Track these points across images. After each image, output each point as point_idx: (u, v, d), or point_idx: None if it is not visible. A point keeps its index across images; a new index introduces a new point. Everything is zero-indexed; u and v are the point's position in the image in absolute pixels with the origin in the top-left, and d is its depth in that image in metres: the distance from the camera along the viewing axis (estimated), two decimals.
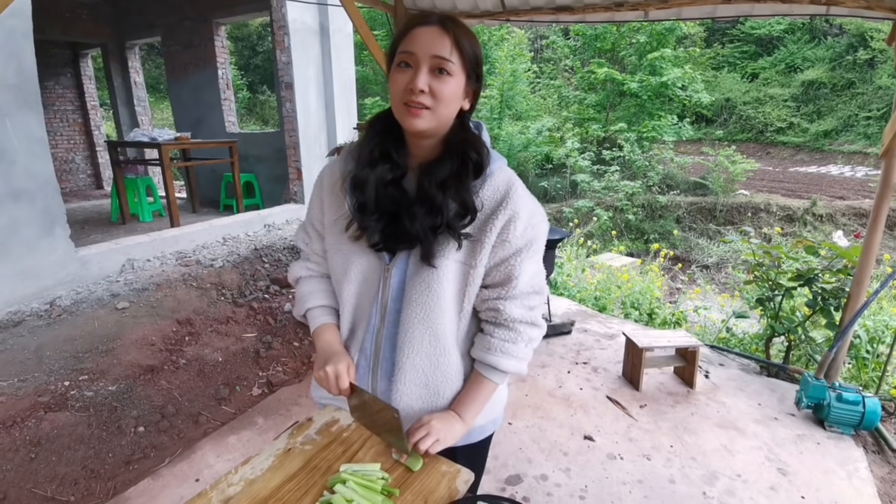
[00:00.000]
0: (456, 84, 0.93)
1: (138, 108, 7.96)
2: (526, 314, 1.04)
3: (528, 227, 1.00)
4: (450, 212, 0.96)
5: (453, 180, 0.96)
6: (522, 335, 1.05)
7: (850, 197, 12.48)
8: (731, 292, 5.65)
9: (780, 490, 2.25)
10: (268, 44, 20.93)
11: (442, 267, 0.98)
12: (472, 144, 0.98)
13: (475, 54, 0.95)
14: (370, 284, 1.06)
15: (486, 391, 1.08)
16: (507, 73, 14.44)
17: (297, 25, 5.40)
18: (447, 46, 0.90)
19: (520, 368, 1.07)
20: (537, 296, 1.07)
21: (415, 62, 0.91)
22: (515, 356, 1.05)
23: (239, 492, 0.92)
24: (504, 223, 0.98)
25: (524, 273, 1.02)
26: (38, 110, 3.41)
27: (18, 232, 3.32)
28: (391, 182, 1.00)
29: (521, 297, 1.04)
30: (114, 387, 2.81)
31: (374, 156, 1.00)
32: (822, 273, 3.11)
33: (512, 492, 2.21)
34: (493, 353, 1.05)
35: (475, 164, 0.98)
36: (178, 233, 4.52)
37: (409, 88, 0.91)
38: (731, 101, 20.90)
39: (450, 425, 1.03)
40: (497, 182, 1.01)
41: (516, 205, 0.99)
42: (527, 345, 1.07)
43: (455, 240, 0.97)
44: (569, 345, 3.66)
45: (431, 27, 0.91)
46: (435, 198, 0.95)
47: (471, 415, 1.07)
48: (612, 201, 11.94)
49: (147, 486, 2.26)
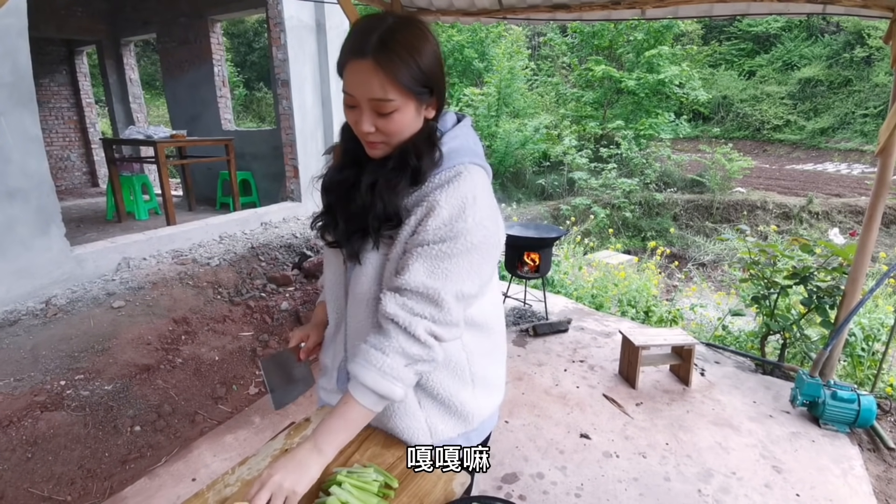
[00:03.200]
0: (402, 117, 0.88)
1: (134, 106, 7.92)
2: (402, 315, 0.88)
3: (448, 225, 0.88)
4: (375, 212, 0.93)
5: (384, 183, 0.93)
6: (393, 342, 0.88)
7: (846, 194, 12.52)
8: (727, 290, 5.67)
9: (775, 487, 2.26)
10: (264, 40, 20.83)
11: (365, 262, 0.98)
12: (416, 150, 0.92)
13: (419, 74, 0.86)
14: (338, 278, 1.09)
15: (350, 413, 0.90)
16: (505, 71, 14.40)
17: (293, 22, 5.38)
18: (380, 87, 0.84)
19: (385, 387, 0.87)
20: (429, 304, 0.89)
21: (356, 103, 0.87)
22: (379, 368, 0.87)
23: (235, 492, 0.92)
24: (422, 214, 0.91)
25: (420, 269, 0.89)
26: (32, 108, 3.40)
27: (13, 230, 3.31)
28: (353, 185, 0.99)
29: (406, 293, 0.89)
30: (110, 386, 2.80)
31: (344, 160, 1.01)
32: (818, 271, 3.13)
33: (508, 490, 2.22)
34: (357, 359, 0.91)
35: (413, 169, 0.92)
36: (175, 231, 4.51)
37: (358, 129, 0.90)
38: (728, 98, 20.93)
39: (298, 471, 0.85)
40: (441, 179, 0.93)
41: (439, 199, 0.89)
42: (401, 359, 0.88)
43: (373, 241, 0.95)
44: (565, 343, 3.67)
45: (363, 62, 0.83)
46: (363, 198, 0.94)
47: (331, 445, 0.89)
48: (610, 199, 11.95)
49: (143, 485, 2.26)
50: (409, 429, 1.05)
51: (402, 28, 0.85)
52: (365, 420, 0.92)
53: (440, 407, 1.08)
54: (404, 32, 0.85)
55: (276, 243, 4.71)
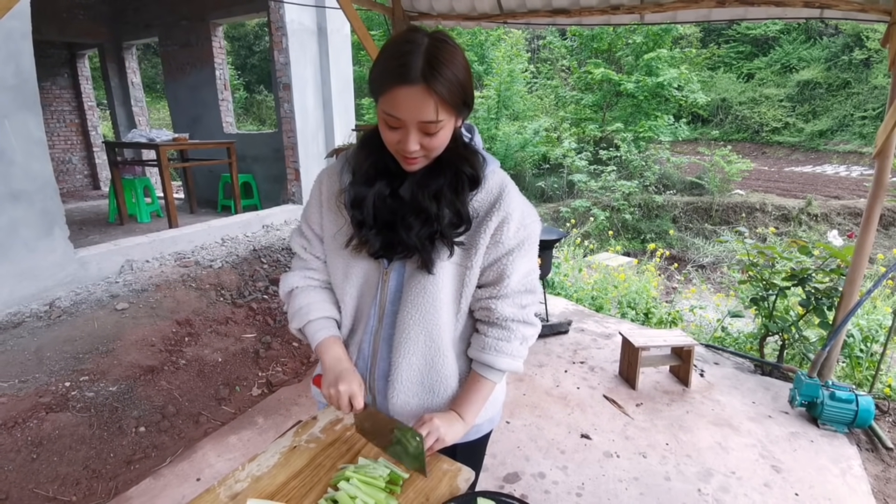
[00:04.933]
0: (446, 132, 0.92)
1: (135, 109, 7.95)
2: (518, 312, 1.06)
3: (520, 228, 1.02)
4: (444, 220, 0.97)
5: (448, 191, 0.98)
6: (515, 333, 1.07)
7: (845, 196, 12.57)
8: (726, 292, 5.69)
9: (774, 487, 2.28)
10: (265, 43, 20.89)
11: (440, 271, 1.01)
12: (466, 159, 0.99)
13: (461, 90, 0.88)
14: (369, 286, 1.09)
15: (484, 390, 1.09)
16: (505, 74, 14.45)
17: (294, 26, 5.40)
18: (433, 110, 0.86)
19: (515, 366, 1.08)
20: (530, 294, 1.08)
21: (402, 125, 0.88)
22: (510, 354, 1.07)
23: (246, 488, 0.95)
24: (497, 225, 1.00)
25: (516, 272, 1.04)
26: (36, 111, 3.42)
27: (17, 233, 3.33)
28: (389, 195, 1.01)
29: (513, 295, 1.05)
30: (114, 387, 2.82)
31: (370, 174, 1.01)
32: (816, 273, 3.15)
33: (510, 490, 2.24)
34: (488, 351, 1.07)
35: (470, 177, 1.00)
36: (177, 234, 4.53)
37: (401, 148, 0.91)
38: (726, 101, 21.00)
39: (451, 424, 1.04)
40: (490, 186, 1.02)
41: (508, 206, 1.01)
42: (521, 343, 1.08)
43: (448, 248, 1.00)
44: (566, 344, 3.69)
45: (414, 87, 0.84)
46: (429, 209, 0.97)
47: (471, 414, 1.08)
48: (609, 201, 11.98)
49: (148, 485, 2.27)
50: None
51: (441, 48, 0.86)
52: (491, 392, 1.12)
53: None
54: (444, 53, 0.86)
55: (277, 245, 4.73)
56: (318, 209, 1.12)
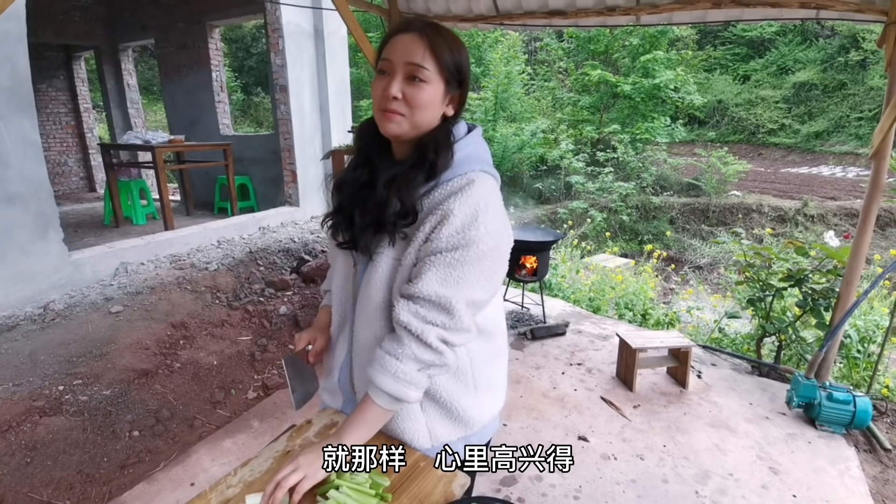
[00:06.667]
0: (431, 91, 0.93)
1: (131, 111, 7.93)
2: (415, 323, 0.92)
3: (460, 233, 0.91)
4: (390, 209, 0.95)
5: (401, 179, 0.96)
6: (406, 349, 0.92)
7: (841, 197, 12.59)
8: (723, 293, 5.70)
9: (772, 489, 2.27)
10: (262, 45, 20.86)
11: (377, 261, 1.00)
12: (434, 146, 0.96)
13: (455, 61, 0.95)
14: (347, 280, 1.11)
15: (369, 413, 0.96)
16: (502, 76, 14.46)
17: (291, 28, 5.40)
18: (420, 53, 0.91)
19: (398, 390, 0.93)
20: (440, 312, 0.92)
21: (391, 69, 0.93)
22: (394, 374, 0.92)
23: (238, 493, 0.93)
24: (435, 223, 0.93)
25: (433, 278, 0.91)
26: (31, 113, 3.41)
27: (12, 235, 3.31)
28: (365, 184, 1.02)
29: (419, 301, 0.92)
30: (108, 391, 2.80)
31: (357, 161, 1.05)
32: (813, 273, 3.15)
33: (507, 492, 2.23)
34: (373, 364, 0.96)
35: (430, 164, 0.95)
36: (173, 236, 4.51)
37: (384, 95, 0.93)
38: (723, 102, 21.06)
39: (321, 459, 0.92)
40: (454, 186, 0.95)
41: (452, 206, 0.92)
42: (414, 364, 0.93)
43: (389, 236, 0.98)
44: (563, 346, 3.68)
45: (409, 34, 0.93)
46: (381, 195, 0.97)
47: (350, 439, 0.95)
48: (607, 202, 11.99)
49: (142, 490, 2.25)
50: (410, 430, 1.07)
51: (442, 27, 0.96)
52: (382, 419, 0.99)
53: (441, 411, 1.09)
54: (443, 28, 0.96)
55: (274, 248, 4.72)
56: None
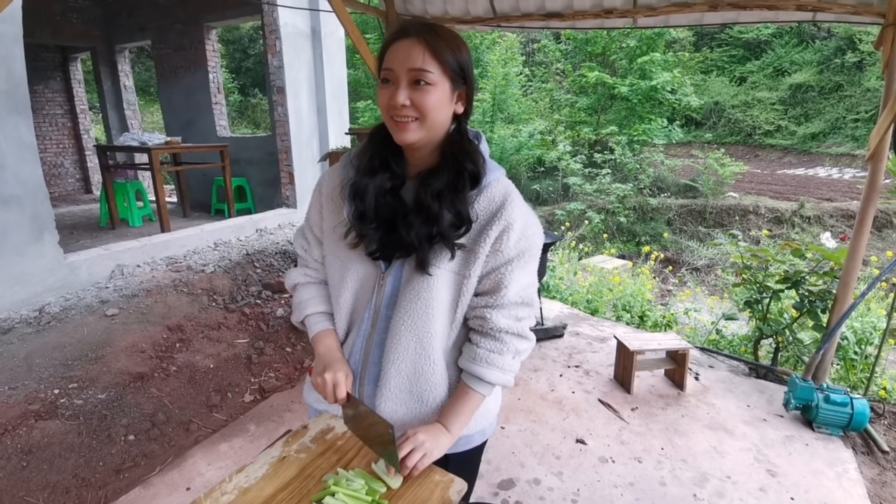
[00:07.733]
0: (438, 93, 0.93)
1: (128, 112, 7.90)
2: (513, 325, 1.04)
3: (522, 238, 1.01)
4: (445, 222, 0.97)
5: (449, 191, 0.97)
6: (508, 346, 1.05)
7: (837, 199, 12.64)
8: (720, 294, 5.70)
9: (770, 491, 2.27)
10: (259, 47, 20.86)
11: (435, 276, 1.00)
12: (468, 155, 0.99)
13: (457, 59, 0.95)
14: (365, 290, 1.08)
15: (472, 402, 1.07)
16: (499, 77, 14.50)
17: (288, 29, 5.39)
18: (421, 57, 0.91)
19: (505, 380, 1.06)
20: (526, 307, 1.06)
21: (394, 78, 0.93)
22: (500, 367, 1.04)
23: (233, 500, 0.92)
24: (498, 233, 0.99)
25: (514, 283, 1.02)
26: (27, 115, 3.39)
27: (7, 237, 3.29)
28: (390, 191, 1.02)
29: (510, 307, 1.03)
30: (104, 395, 2.78)
31: (373, 165, 1.02)
32: (809, 275, 3.16)
33: (505, 496, 2.22)
34: (479, 363, 1.04)
35: (471, 174, 0.99)
36: (169, 238, 4.49)
37: (391, 104, 0.93)
38: (719, 104, 21.13)
39: (436, 438, 1.01)
40: (493, 193, 1.02)
41: (511, 215, 0.99)
42: (514, 357, 1.06)
43: (449, 250, 0.99)
44: (561, 348, 3.68)
45: (407, 40, 0.92)
46: (431, 208, 0.96)
47: (457, 427, 1.05)
48: (604, 204, 12.02)
49: (138, 494, 2.24)
50: None
51: (440, 26, 0.97)
52: (480, 405, 1.09)
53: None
54: (442, 28, 0.96)
55: (271, 250, 4.71)
56: (319, 209, 1.14)
